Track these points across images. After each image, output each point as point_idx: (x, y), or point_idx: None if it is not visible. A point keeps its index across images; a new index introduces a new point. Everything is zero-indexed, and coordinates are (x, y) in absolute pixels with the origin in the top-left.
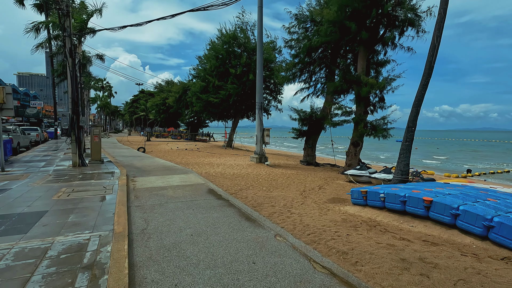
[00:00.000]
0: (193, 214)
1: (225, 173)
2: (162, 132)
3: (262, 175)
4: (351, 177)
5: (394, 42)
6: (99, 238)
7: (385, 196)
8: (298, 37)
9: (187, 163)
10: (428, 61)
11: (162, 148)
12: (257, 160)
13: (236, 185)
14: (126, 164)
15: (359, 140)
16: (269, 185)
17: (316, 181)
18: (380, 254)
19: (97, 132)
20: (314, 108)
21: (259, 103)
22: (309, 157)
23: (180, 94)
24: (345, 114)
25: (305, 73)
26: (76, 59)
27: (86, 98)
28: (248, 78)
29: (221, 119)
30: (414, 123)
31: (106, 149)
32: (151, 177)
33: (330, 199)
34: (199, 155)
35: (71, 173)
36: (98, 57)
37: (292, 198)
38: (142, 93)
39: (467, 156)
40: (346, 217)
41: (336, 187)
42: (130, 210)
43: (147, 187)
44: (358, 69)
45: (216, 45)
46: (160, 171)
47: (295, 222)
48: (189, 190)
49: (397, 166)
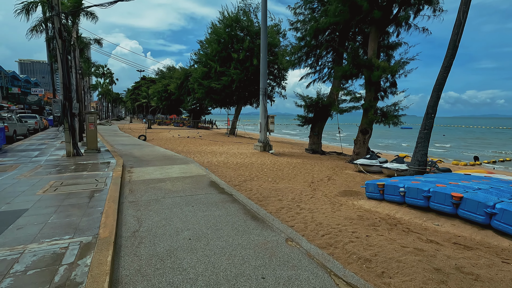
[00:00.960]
0: (193, 211)
1: (228, 163)
2: (164, 119)
3: (267, 165)
4: (361, 167)
5: (408, 22)
6: (79, 245)
7: (405, 191)
8: (304, 18)
9: (189, 152)
10: (452, 40)
11: (163, 136)
12: (261, 149)
13: (240, 176)
14: (125, 153)
15: (368, 127)
16: (275, 176)
17: (324, 171)
18: (409, 262)
19: (92, 119)
20: (320, 94)
21: (263, 88)
22: (314, 145)
23: (181, 80)
24: (354, 100)
25: (311, 57)
26: (71, 42)
27: (86, 85)
28: (251, 63)
29: (224, 106)
30: (434, 109)
31: (106, 137)
32: (149, 167)
33: (342, 192)
34: (201, 143)
35: (64, 164)
36: (95, 41)
37: (300, 191)
38: (144, 79)
39: (471, 143)
40: (362, 214)
41: (346, 178)
42: (122, 207)
43: (144, 179)
44: (369, 52)
45: (218, 29)
46: (159, 161)
47: (306, 219)
48: (189, 183)
49: (413, 156)
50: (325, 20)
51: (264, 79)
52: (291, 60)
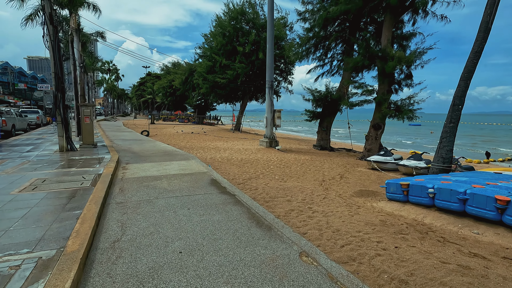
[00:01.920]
0: (188, 216)
1: (232, 159)
2: (169, 115)
3: (273, 161)
4: (374, 164)
5: (425, 9)
6: (36, 263)
7: (435, 192)
8: (312, 8)
9: (191, 148)
10: (484, 21)
11: (167, 132)
12: (267, 145)
13: (244, 173)
14: (123, 148)
15: (381, 122)
16: (282, 173)
17: (335, 169)
18: (457, 286)
19: (88, 112)
20: (329, 87)
21: (270, 81)
22: (323, 141)
23: (186, 75)
24: (366, 93)
25: (320, 49)
26: (68, 32)
27: (90, 80)
28: (257, 56)
29: (229, 101)
30: (461, 100)
31: (107, 132)
32: (146, 163)
33: (357, 191)
34: (205, 138)
35: (54, 159)
36: (99, 34)
37: (311, 190)
38: (149, 75)
39: (478, 141)
40: (385, 218)
41: (359, 176)
42: (106, 210)
43: (138, 177)
44: (383, 42)
45: (223, 21)
46: (158, 156)
47: (321, 224)
48: (188, 181)
49: (437, 152)
50: (335, 8)
51: (271, 72)
52: (299, 52)
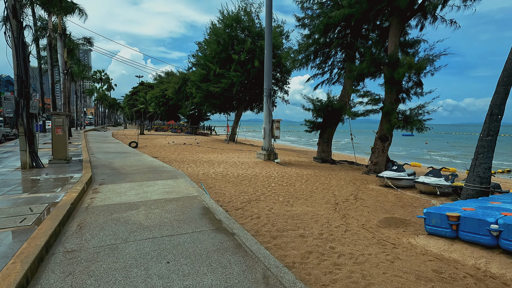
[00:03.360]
0: (166, 277)
1: (228, 174)
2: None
3: (274, 177)
4: (388, 181)
5: (435, 13)
6: None
7: (501, 229)
8: (312, 14)
9: (182, 161)
10: None
11: (158, 143)
12: (265, 157)
13: (242, 194)
14: (103, 163)
15: (388, 133)
16: (287, 193)
17: (344, 187)
18: None
19: (60, 122)
20: (331, 96)
21: (268, 90)
22: (324, 153)
23: (179, 85)
24: (372, 102)
25: (319, 57)
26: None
27: (79, 89)
28: (253, 65)
29: (223, 111)
30: (501, 108)
31: (92, 143)
32: (125, 184)
33: (383, 220)
34: (198, 150)
35: (8, 180)
36: (86, 40)
37: (326, 218)
38: (142, 85)
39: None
40: (437, 266)
41: (375, 197)
42: (44, 268)
43: (110, 204)
44: (389, 47)
45: (217, 29)
46: (141, 174)
47: (355, 280)
48: (172, 210)
49: (472, 170)
50: (338, 12)
51: (269, 80)
52: (298, 60)
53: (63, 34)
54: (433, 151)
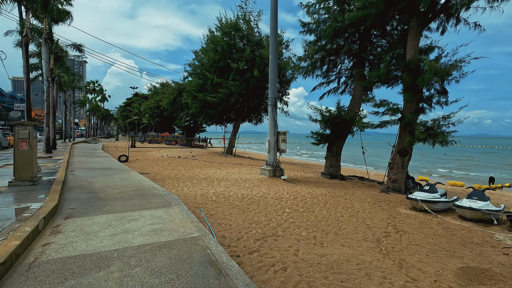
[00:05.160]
0: None
1: (231, 196)
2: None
3: (286, 199)
4: (424, 205)
5: (458, 15)
6: None
7: None
8: (317, 19)
9: (177, 178)
10: None
11: (150, 156)
12: (270, 174)
13: (254, 225)
14: (81, 184)
15: (409, 147)
16: (309, 223)
17: (372, 211)
18: None
19: (25, 134)
20: (340, 106)
21: (273, 98)
22: (332, 168)
23: (175, 95)
24: (389, 112)
25: (326, 64)
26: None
27: (69, 98)
28: (252, 74)
29: (220, 122)
30: None
31: (76, 157)
32: (100, 217)
33: (459, 272)
34: (194, 165)
35: None
36: (75, 47)
37: (379, 269)
38: (136, 96)
39: (469, 165)
40: None
41: (419, 227)
42: None
43: (69, 257)
44: (409, 52)
45: (215, 37)
46: (125, 199)
47: None
48: (163, 269)
49: None
50: (351, 14)
51: (274, 87)
52: (304, 67)
53: (48, 39)
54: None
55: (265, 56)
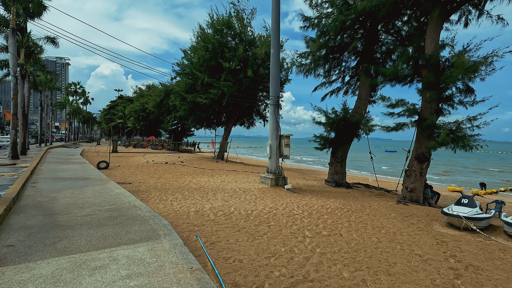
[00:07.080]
0: None
1: (232, 213)
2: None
3: (300, 216)
4: (469, 223)
5: (484, 6)
6: None
7: None
8: (320, 14)
9: (164, 189)
10: None
11: (134, 162)
12: (272, 182)
13: (272, 262)
14: (38, 201)
15: (428, 153)
16: (343, 254)
17: (411, 233)
18: None
19: None
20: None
21: (275, 97)
22: (337, 175)
23: (161, 97)
24: (406, 113)
25: (330, 61)
26: None
27: (45, 99)
28: (245, 74)
29: (210, 126)
30: None
31: (47, 164)
32: (48, 262)
33: None
34: (183, 172)
35: None
36: (49, 40)
37: None
38: (121, 98)
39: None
40: None
41: (488, 259)
42: None
43: None
44: (428, 46)
45: (206, 34)
46: (94, 227)
47: None
48: None
49: None
50: (364, 3)
51: (276, 85)
52: (307, 64)
53: (18, 31)
54: None
55: (259, 56)
